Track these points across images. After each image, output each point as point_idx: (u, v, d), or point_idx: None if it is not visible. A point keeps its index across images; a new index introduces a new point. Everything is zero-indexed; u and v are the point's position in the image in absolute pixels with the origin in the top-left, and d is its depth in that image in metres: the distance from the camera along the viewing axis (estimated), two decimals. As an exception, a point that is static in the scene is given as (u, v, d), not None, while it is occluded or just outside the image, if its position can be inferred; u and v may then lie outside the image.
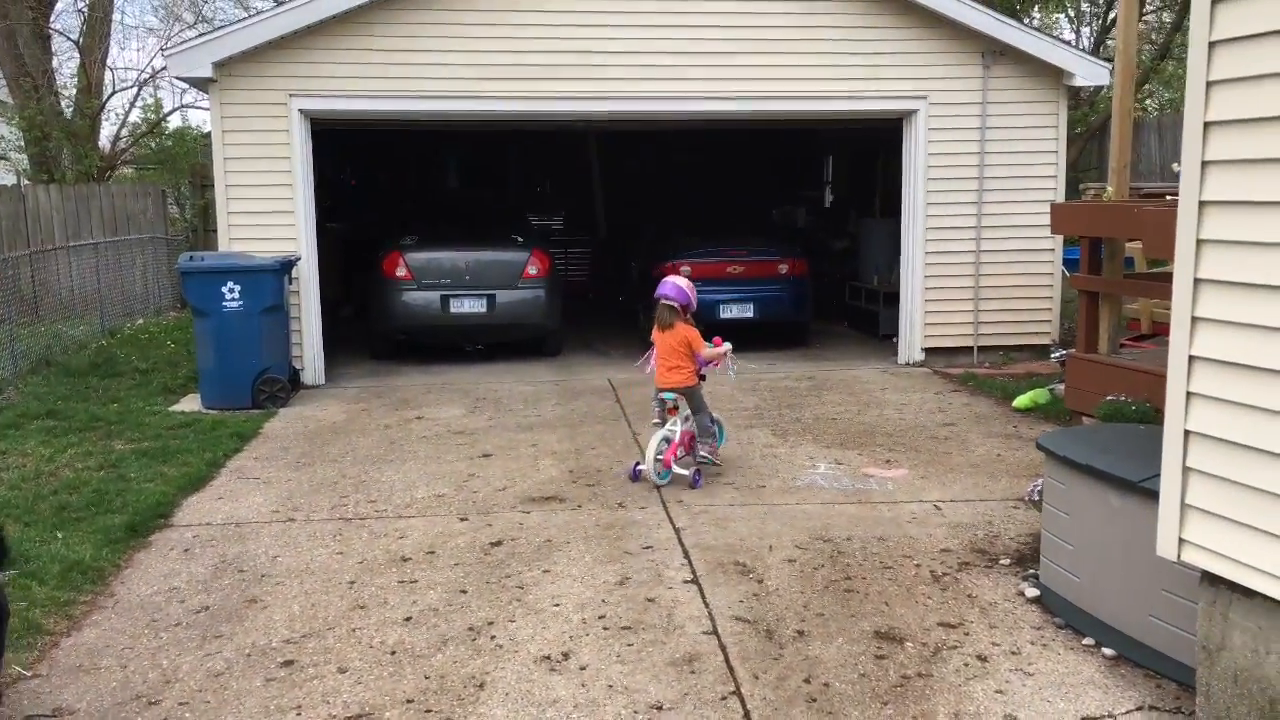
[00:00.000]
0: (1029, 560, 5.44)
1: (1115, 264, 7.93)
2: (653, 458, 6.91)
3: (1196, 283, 3.59)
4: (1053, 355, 10.66)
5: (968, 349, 11.23)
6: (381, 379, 10.82)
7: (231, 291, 9.24)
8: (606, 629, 4.75)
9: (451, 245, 11.61)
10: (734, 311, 11.74)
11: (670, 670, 4.36)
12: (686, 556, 5.65)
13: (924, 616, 4.85)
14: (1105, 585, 4.52)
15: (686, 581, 5.30)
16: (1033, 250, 11.08)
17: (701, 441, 7.18)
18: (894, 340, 11.63)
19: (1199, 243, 3.57)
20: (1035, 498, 6.09)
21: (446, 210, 14.06)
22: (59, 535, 5.95)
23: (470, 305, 11.44)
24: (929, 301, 11.17)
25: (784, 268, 12.17)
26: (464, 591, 5.20)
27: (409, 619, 4.89)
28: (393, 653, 4.55)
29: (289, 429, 8.65)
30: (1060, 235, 10.63)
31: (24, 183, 18.71)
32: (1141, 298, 9.27)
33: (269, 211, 10.08)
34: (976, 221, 11.05)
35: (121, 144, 21.38)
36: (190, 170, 20.28)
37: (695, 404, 7.13)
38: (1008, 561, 5.52)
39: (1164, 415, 3.75)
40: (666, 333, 7.01)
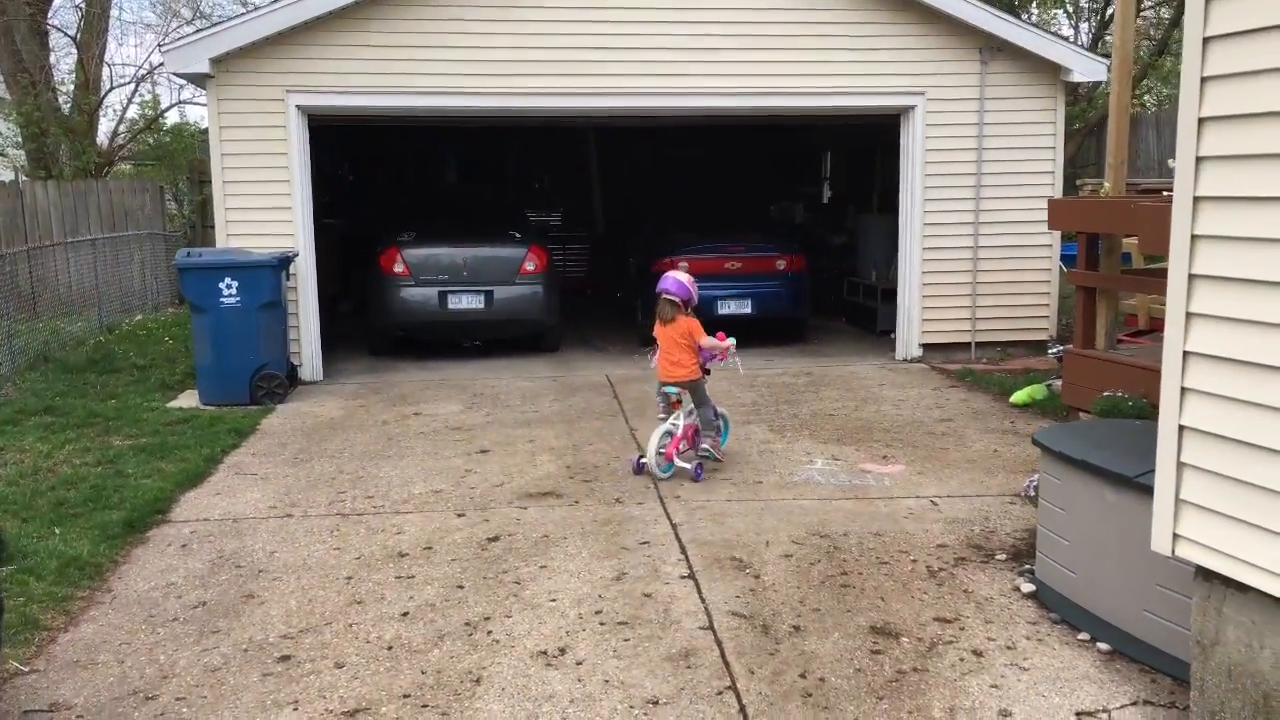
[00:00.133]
0: (1025, 555, 5.45)
1: (1112, 260, 7.94)
2: (654, 451, 6.94)
3: (1191, 278, 3.59)
4: (1050, 351, 10.66)
5: (965, 345, 11.23)
6: (379, 375, 10.82)
7: (229, 288, 9.24)
8: (603, 624, 4.76)
9: (449, 241, 11.61)
10: (732, 307, 11.74)
11: (666, 665, 4.37)
12: (683, 552, 5.66)
13: (920, 611, 4.86)
14: (1101, 580, 4.53)
15: (683, 577, 5.31)
16: (1030, 246, 11.08)
17: (704, 435, 7.20)
18: (892, 336, 11.64)
19: (1193, 238, 3.57)
20: (1031, 493, 6.10)
21: (444, 206, 14.06)
22: (57, 531, 5.96)
23: (468, 301, 11.44)
24: (926, 297, 11.17)
25: (782, 264, 12.18)
26: (461, 587, 5.21)
27: (406, 614, 4.90)
28: (389, 648, 4.56)
29: (287, 425, 8.65)
30: (1057, 231, 10.64)
31: (22, 179, 18.70)
32: (1139, 293, 9.28)
33: (267, 208, 10.08)
34: (974, 218, 11.05)
35: (119, 140, 21.37)
36: (188, 166, 20.27)
37: (699, 398, 7.15)
38: (1004, 557, 5.53)
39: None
40: (668, 326, 7.05)
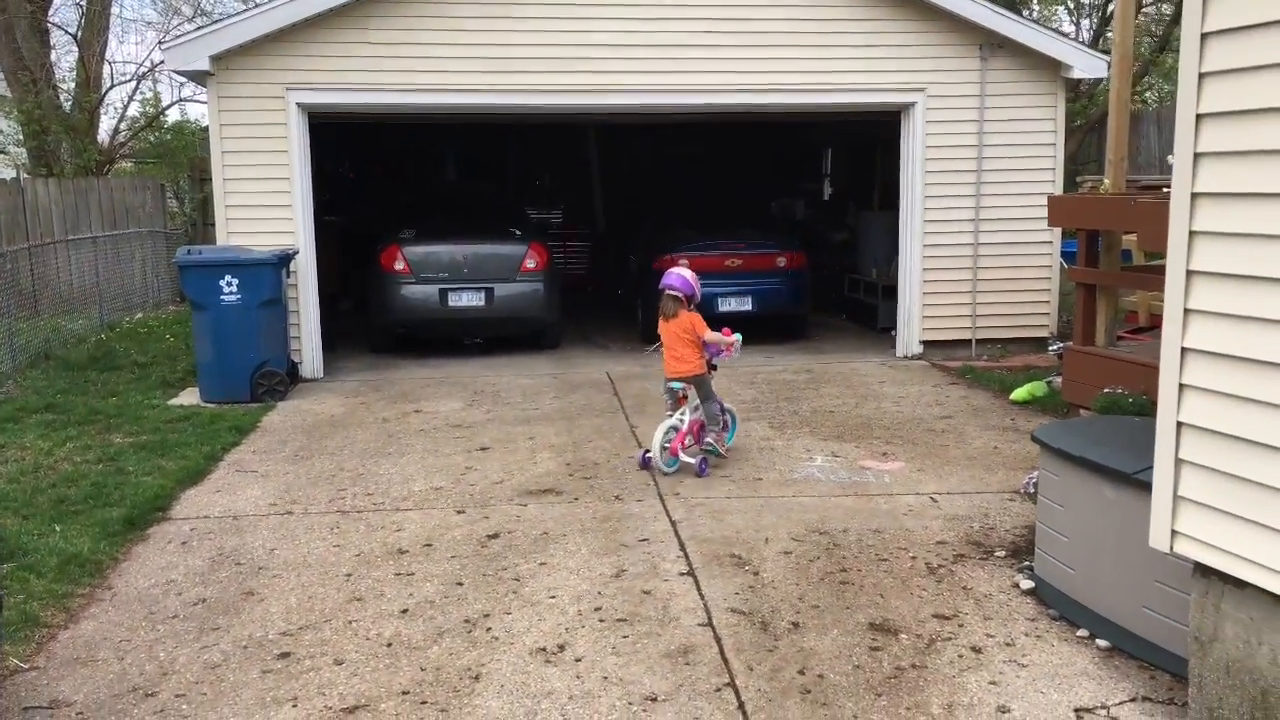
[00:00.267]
0: (1024, 552, 5.46)
1: (1112, 256, 7.94)
2: (659, 446, 6.98)
3: (1189, 274, 3.59)
4: (1050, 348, 10.66)
5: (966, 342, 11.23)
6: (380, 372, 10.83)
7: (229, 285, 9.24)
8: (602, 621, 4.77)
9: (449, 239, 11.61)
10: (732, 304, 11.73)
11: (665, 662, 4.38)
12: (683, 549, 5.66)
13: (919, 608, 4.87)
14: (1099, 577, 4.53)
15: (682, 574, 5.32)
16: (1031, 243, 11.08)
17: (709, 430, 7.22)
18: (892, 333, 11.63)
19: (1191, 234, 3.57)
20: (1031, 490, 6.09)
21: (445, 203, 14.05)
22: (57, 528, 5.97)
23: (468, 299, 11.44)
24: (927, 294, 11.17)
25: (782, 261, 12.18)
26: (460, 584, 5.21)
27: (405, 611, 4.90)
28: (389, 644, 4.56)
29: (287, 422, 8.66)
30: (1057, 228, 10.63)
31: (23, 177, 18.70)
32: (1139, 290, 9.28)
33: (267, 205, 10.08)
34: (974, 214, 11.05)
35: (120, 138, 21.37)
36: (189, 164, 20.27)
37: (704, 392, 7.18)
38: (1003, 553, 5.54)
39: (1158, 407, 3.75)
40: (671, 322, 7.10)
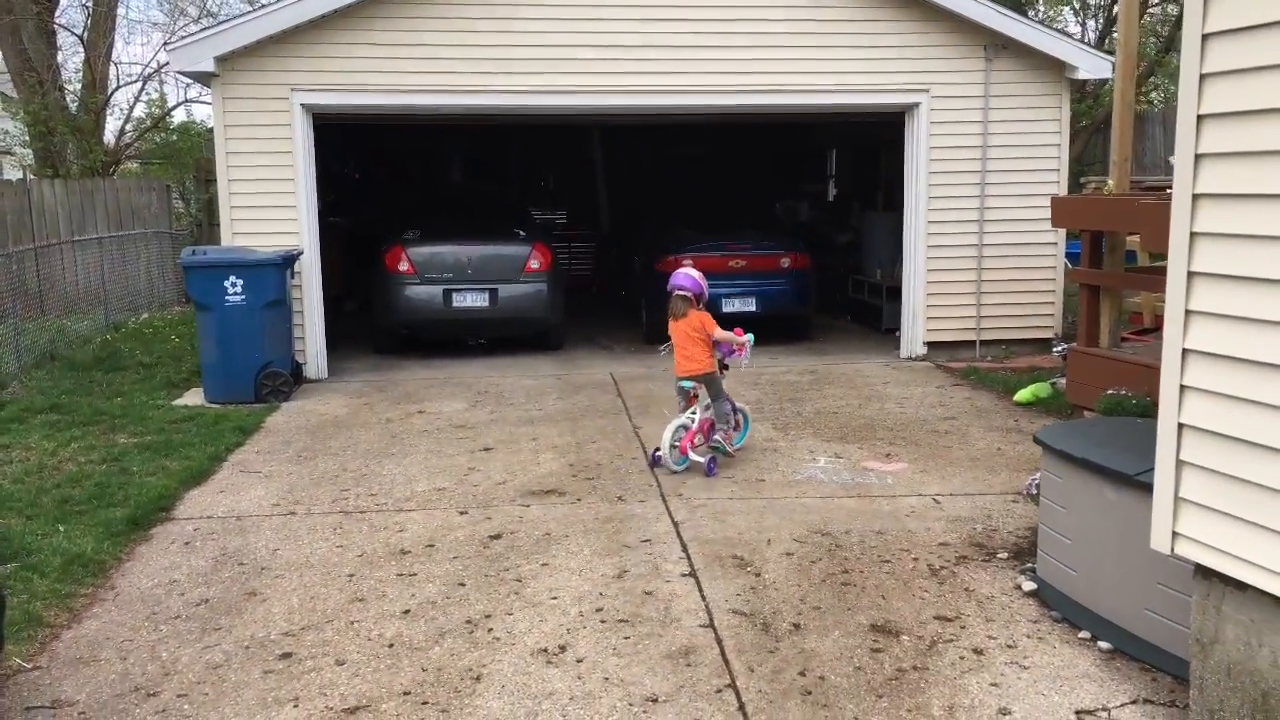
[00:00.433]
0: (1027, 554, 5.45)
1: (1116, 258, 7.93)
2: (669, 444, 7.01)
3: (1190, 275, 3.58)
4: (1055, 349, 10.63)
5: (970, 343, 11.22)
6: (384, 373, 10.85)
7: (234, 286, 9.26)
8: (604, 622, 4.77)
9: (454, 239, 11.62)
10: (736, 305, 11.73)
11: (666, 663, 4.38)
12: (685, 550, 5.66)
13: (920, 610, 4.86)
14: (1101, 579, 4.53)
15: (684, 575, 5.32)
16: (1035, 244, 11.06)
17: (718, 428, 7.24)
18: (897, 334, 11.62)
19: (1192, 235, 3.56)
20: (1033, 491, 6.09)
21: (449, 204, 14.07)
22: (61, 528, 5.98)
23: (472, 299, 11.46)
24: (931, 295, 11.16)
25: (786, 262, 12.18)
26: (462, 584, 5.22)
27: (407, 611, 4.91)
28: (390, 645, 4.57)
29: (291, 423, 8.67)
30: (1062, 229, 10.62)
31: (29, 177, 18.76)
32: (1143, 291, 9.26)
33: (271, 206, 10.10)
34: (979, 215, 11.03)
35: (126, 139, 21.42)
36: (195, 165, 20.33)
37: (714, 391, 7.20)
38: (1005, 555, 5.53)
39: (1160, 409, 3.75)
40: (681, 321, 7.14)
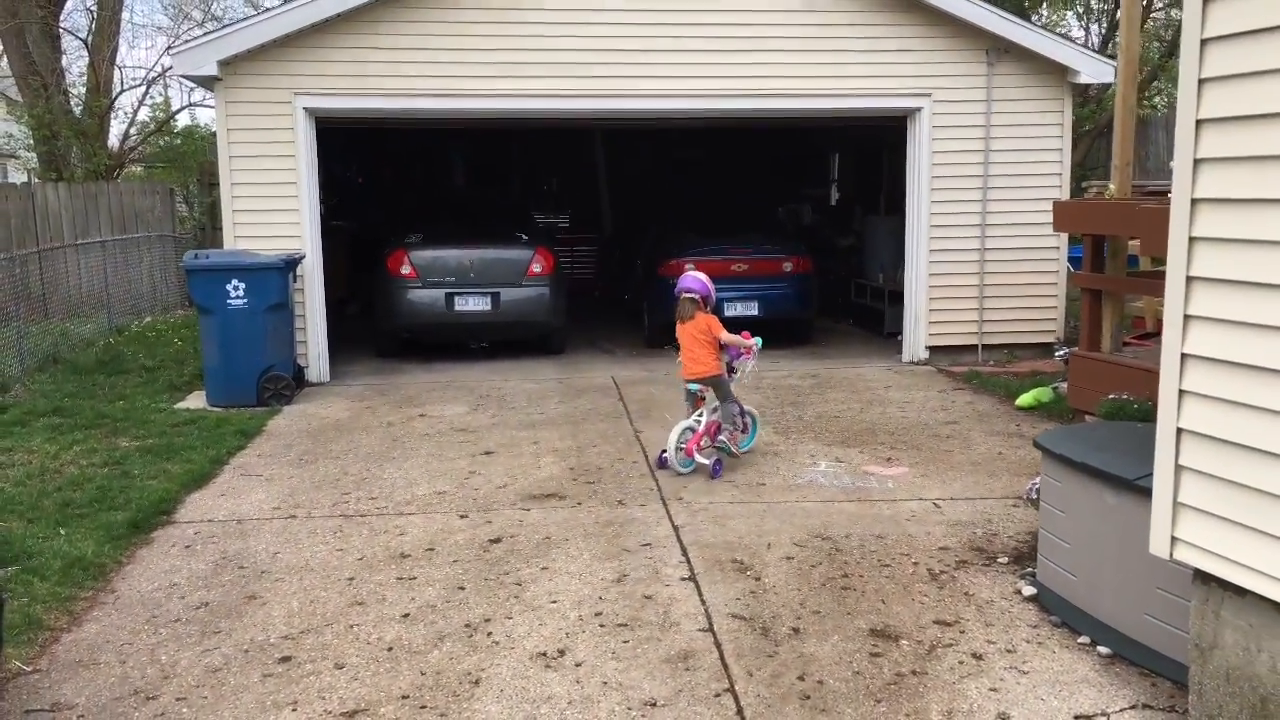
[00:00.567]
0: (1027, 558, 5.44)
1: (1118, 262, 7.92)
2: (674, 446, 7.03)
3: (1189, 280, 3.58)
4: (1057, 353, 10.63)
5: (972, 347, 11.21)
6: (386, 377, 10.85)
7: (236, 289, 9.27)
8: (603, 626, 4.77)
9: (456, 243, 11.63)
10: (739, 309, 11.71)
11: (665, 667, 4.38)
12: (685, 554, 5.66)
13: (920, 614, 4.86)
14: (1101, 583, 4.52)
15: (684, 579, 5.32)
16: (1037, 248, 11.05)
17: (724, 429, 7.27)
18: (898, 339, 11.62)
19: (1191, 240, 3.56)
20: (1033, 496, 6.07)
21: (452, 208, 14.09)
22: (62, 531, 5.99)
23: (475, 303, 11.47)
24: (933, 299, 11.15)
25: (788, 265, 12.18)
26: (462, 588, 5.22)
27: (407, 615, 4.91)
28: (389, 649, 4.57)
29: (293, 426, 8.68)
30: (1064, 233, 10.61)
31: (33, 181, 18.80)
32: (1145, 296, 9.25)
33: (274, 210, 10.12)
34: (981, 219, 11.03)
35: (130, 142, 21.47)
36: (199, 168, 20.36)
37: (722, 393, 7.23)
38: (1005, 560, 5.52)
39: (1159, 413, 3.74)
40: (688, 324, 7.17)
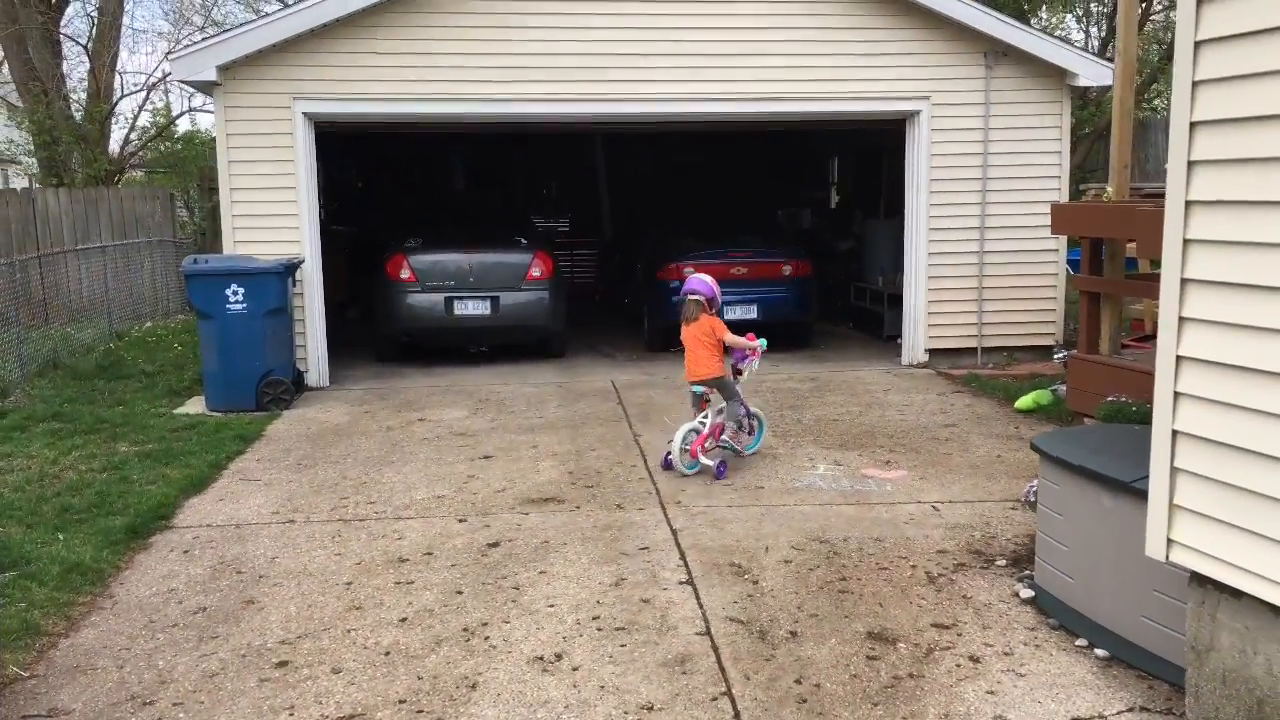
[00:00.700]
0: (1025, 561, 5.44)
1: (1116, 264, 7.93)
2: (679, 448, 7.05)
3: (1183, 283, 3.58)
4: (1056, 356, 10.64)
5: (971, 350, 11.20)
6: (385, 381, 10.86)
7: (235, 294, 9.28)
8: (600, 630, 4.77)
9: (455, 247, 11.63)
10: (738, 312, 11.67)
11: (662, 671, 4.37)
12: (683, 557, 5.66)
13: (918, 617, 4.85)
14: (1098, 586, 4.52)
15: (682, 582, 5.31)
16: (1036, 251, 11.05)
17: (728, 426, 7.28)
18: (898, 341, 11.61)
19: (1186, 242, 3.57)
20: (1031, 499, 6.08)
21: (451, 212, 14.09)
22: (60, 537, 5.99)
23: (474, 307, 11.47)
24: (932, 303, 11.15)
25: (788, 269, 12.18)
26: (460, 592, 5.22)
27: (404, 620, 4.91)
28: (387, 653, 4.57)
29: (292, 431, 8.69)
30: (1063, 236, 10.62)
31: (34, 186, 18.84)
32: (1145, 298, 9.25)
33: (273, 214, 10.13)
34: (980, 222, 11.03)
35: (131, 148, 21.51)
36: (199, 173, 20.41)
37: (727, 393, 7.26)
38: (1004, 562, 5.52)
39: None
40: (692, 325, 7.20)
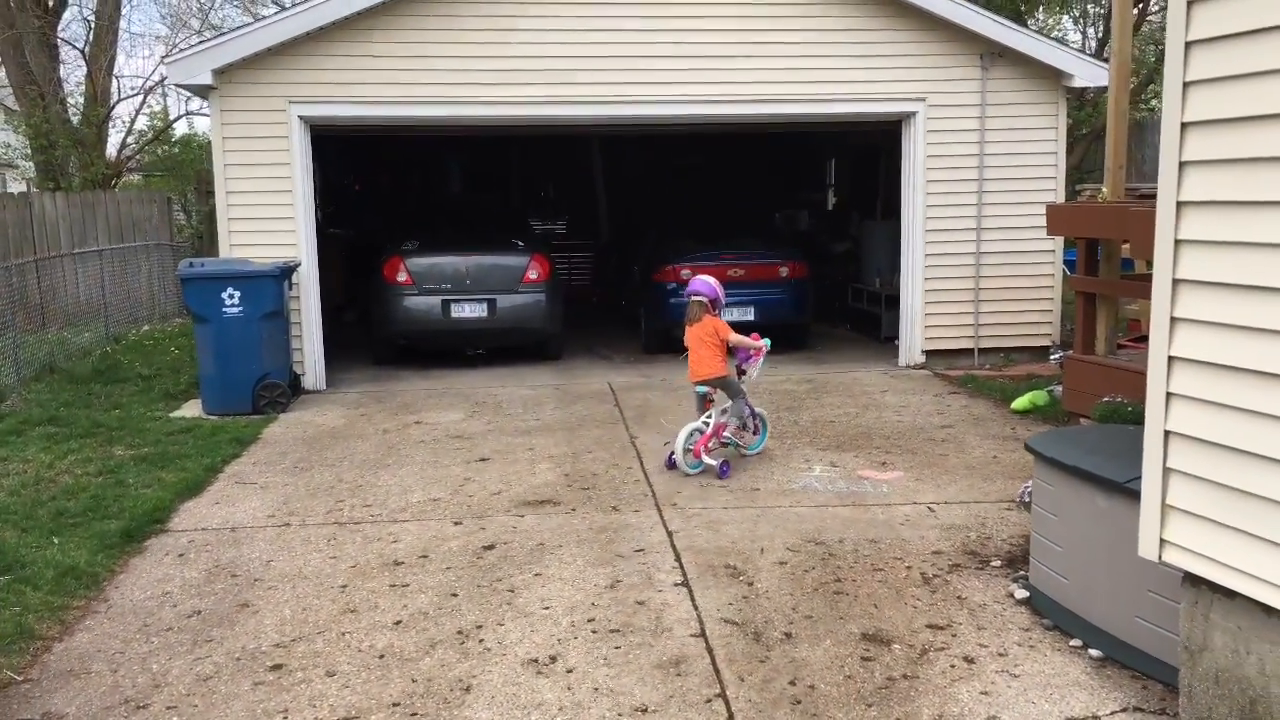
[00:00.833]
0: (1020, 562, 5.44)
1: (1111, 265, 7.93)
2: (682, 447, 7.08)
3: (1175, 283, 3.59)
4: (1052, 357, 10.63)
5: (968, 351, 11.21)
6: (382, 384, 10.86)
7: (231, 298, 9.28)
8: (595, 632, 4.76)
9: (452, 250, 11.63)
10: (734, 314, 11.60)
11: (657, 673, 4.37)
12: (678, 559, 5.65)
13: (912, 618, 4.85)
14: (1093, 586, 4.52)
15: (677, 584, 5.31)
16: (1033, 251, 11.06)
17: (731, 422, 7.29)
18: (895, 343, 11.61)
19: (1177, 243, 3.57)
20: (1026, 499, 6.07)
21: (448, 215, 14.10)
22: (55, 541, 5.99)
23: (471, 310, 11.47)
24: (929, 304, 11.15)
25: (784, 271, 12.18)
26: (455, 595, 5.22)
27: (399, 623, 4.91)
28: (381, 656, 4.57)
29: (288, 434, 8.68)
30: (1060, 236, 10.62)
31: (31, 190, 18.84)
32: (1140, 299, 9.25)
33: (269, 218, 10.12)
34: (976, 223, 11.03)
35: (128, 151, 21.51)
36: (196, 177, 20.42)
37: (732, 391, 7.30)
38: (999, 563, 5.52)
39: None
40: (695, 326, 7.24)
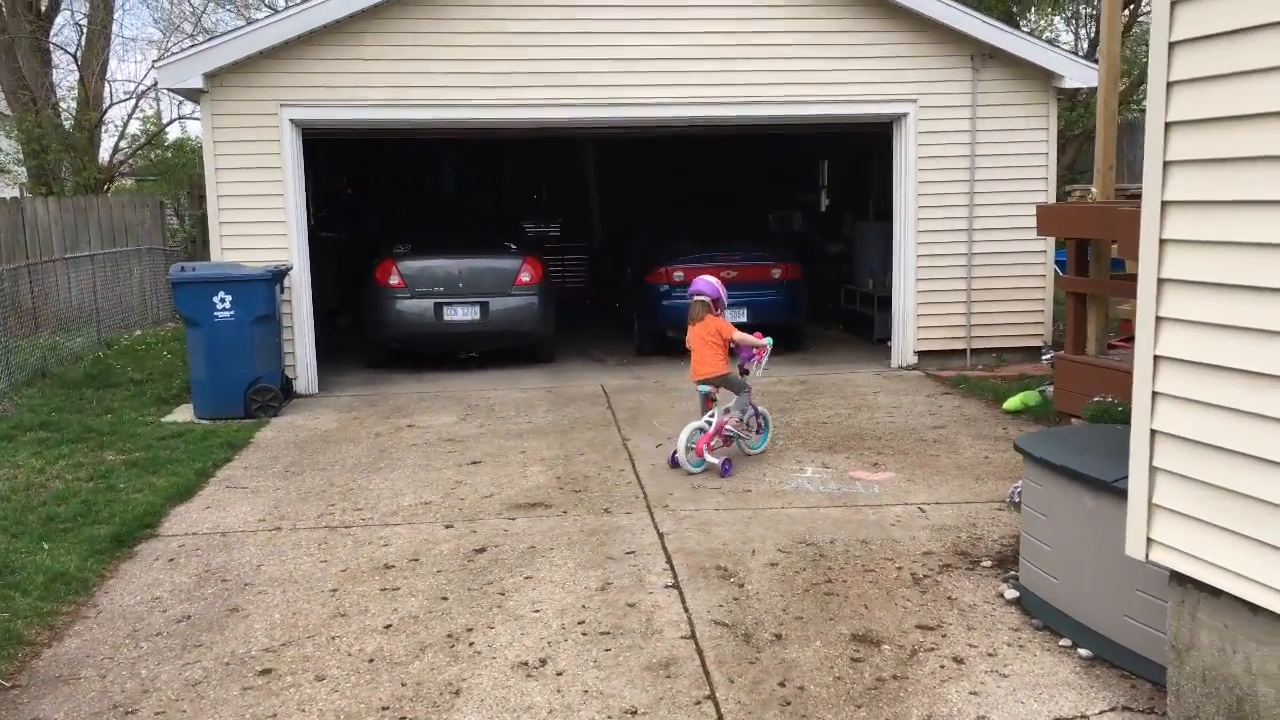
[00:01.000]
0: (1010, 562, 5.45)
1: (1101, 265, 7.95)
2: (684, 446, 7.10)
3: (1160, 283, 3.59)
4: (1044, 357, 10.66)
5: (961, 352, 11.22)
6: (374, 387, 10.85)
7: (223, 302, 9.27)
8: (585, 634, 4.76)
9: (444, 253, 11.62)
10: (728, 316, 11.61)
11: (647, 675, 4.37)
12: (669, 561, 5.65)
13: (902, 619, 4.86)
14: (1081, 586, 4.52)
15: (667, 586, 5.31)
16: (1024, 252, 11.07)
17: (733, 415, 7.30)
18: (888, 344, 11.62)
19: (1162, 243, 3.58)
20: (1016, 500, 6.08)
21: (441, 218, 14.09)
22: (45, 546, 5.98)
23: (463, 313, 11.46)
24: (921, 305, 11.16)
25: (777, 272, 12.18)
26: (445, 598, 5.21)
27: (389, 626, 4.90)
28: (371, 660, 4.56)
29: (280, 438, 8.67)
30: (1051, 237, 10.64)
31: (23, 195, 18.80)
32: (1130, 299, 9.27)
33: (261, 221, 10.11)
34: (968, 224, 11.05)
35: (120, 156, 21.48)
36: (189, 181, 20.37)
37: (736, 387, 7.35)
38: (989, 563, 5.52)
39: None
40: (698, 326, 7.29)
